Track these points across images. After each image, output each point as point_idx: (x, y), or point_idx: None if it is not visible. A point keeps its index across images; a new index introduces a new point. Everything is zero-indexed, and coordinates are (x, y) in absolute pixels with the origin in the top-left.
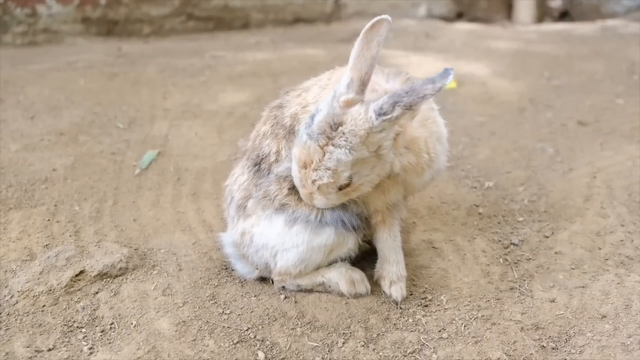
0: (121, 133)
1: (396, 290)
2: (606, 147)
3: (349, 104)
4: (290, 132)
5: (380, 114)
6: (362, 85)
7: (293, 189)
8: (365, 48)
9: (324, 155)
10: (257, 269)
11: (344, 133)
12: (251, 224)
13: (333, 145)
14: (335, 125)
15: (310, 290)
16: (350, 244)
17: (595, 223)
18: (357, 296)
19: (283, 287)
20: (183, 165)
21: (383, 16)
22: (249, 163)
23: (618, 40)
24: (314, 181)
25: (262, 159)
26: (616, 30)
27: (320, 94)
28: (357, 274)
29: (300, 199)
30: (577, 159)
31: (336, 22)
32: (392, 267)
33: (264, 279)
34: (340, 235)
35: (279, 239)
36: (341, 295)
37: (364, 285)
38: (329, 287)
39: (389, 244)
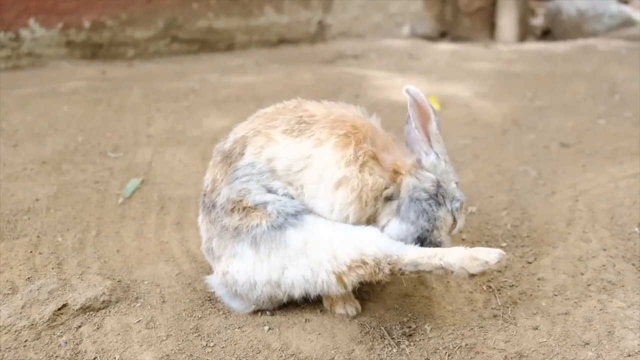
0: (105, 161)
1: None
2: (588, 168)
3: None
4: (228, 156)
5: None
6: None
7: (243, 214)
8: None
9: None
10: (254, 304)
11: None
12: (226, 264)
13: None
14: None
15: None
16: None
17: (578, 248)
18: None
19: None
20: (167, 193)
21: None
22: (199, 202)
23: (599, 60)
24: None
25: (204, 194)
26: (597, 49)
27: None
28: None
29: (247, 215)
30: (559, 181)
31: (320, 43)
32: None
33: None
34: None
35: (256, 269)
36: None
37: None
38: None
39: None
